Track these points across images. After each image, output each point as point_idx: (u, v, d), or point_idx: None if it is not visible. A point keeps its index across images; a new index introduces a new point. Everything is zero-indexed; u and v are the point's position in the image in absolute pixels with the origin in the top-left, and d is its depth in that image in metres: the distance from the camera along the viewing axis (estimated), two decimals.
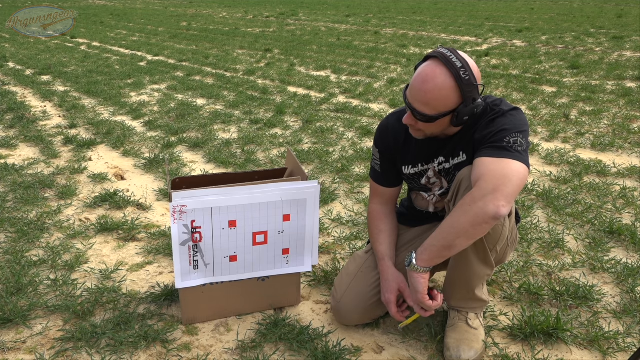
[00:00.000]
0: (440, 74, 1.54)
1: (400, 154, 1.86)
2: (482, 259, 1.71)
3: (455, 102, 1.57)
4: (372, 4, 24.05)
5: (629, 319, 1.96)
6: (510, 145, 1.55)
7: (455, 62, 1.53)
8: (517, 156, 1.53)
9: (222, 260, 1.88)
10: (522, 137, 1.57)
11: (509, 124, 1.59)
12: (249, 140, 4.18)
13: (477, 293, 1.80)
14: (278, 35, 12.32)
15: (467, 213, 1.50)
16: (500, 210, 1.46)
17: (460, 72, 1.53)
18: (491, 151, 1.56)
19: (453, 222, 1.54)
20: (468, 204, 1.50)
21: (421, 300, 1.64)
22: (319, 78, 6.93)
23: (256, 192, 1.82)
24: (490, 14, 17.49)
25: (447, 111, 1.58)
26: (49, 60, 8.77)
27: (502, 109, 1.65)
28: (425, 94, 1.56)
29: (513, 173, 1.50)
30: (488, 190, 1.48)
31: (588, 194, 3.08)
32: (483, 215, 1.48)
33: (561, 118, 4.70)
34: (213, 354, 1.81)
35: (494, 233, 1.64)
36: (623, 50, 8.93)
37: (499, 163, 1.52)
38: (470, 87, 1.55)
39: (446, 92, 1.55)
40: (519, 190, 1.52)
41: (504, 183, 1.48)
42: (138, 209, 2.98)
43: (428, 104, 1.57)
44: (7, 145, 4.13)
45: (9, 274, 2.26)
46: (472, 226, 1.50)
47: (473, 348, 1.74)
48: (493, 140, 1.58)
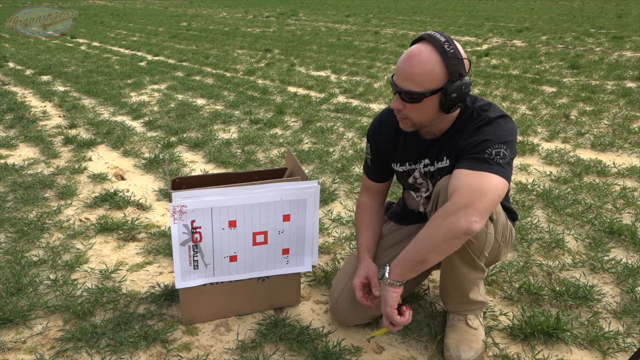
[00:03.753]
0: (425, 49, 1.53)
1: (390, 150, 1.86)
2: (470, 265, 1.71)
3: (442, 78, 1.53)
4: (372, 4, 24.05)
5: (629, 319, 1.96)
6: (492, 158, 1.53)
7: (439, 37, 1.53)
8: (497, 169, 1.51)
9: (222, 260, 1.88)
10: (505, 148, 1.54)
11: (493, 134, 1.57)
12: (249, 140, 4.18)
13: (471, 297, 1.80)
14: (278, 35, 12.32)
15: (440, 227, 1.49)
16: (472, 226, 1.46)
17: (445, 45, 1.51)
18: (471, 163, 1.54)
19: (425, 236, 1.53)
20: (441, 217, 1.50)
21: (389, 314, 1.62)
22: (319, 78, 6.93)
23: (256, 192, 1.82)
24: (490, 14, 17.49)
25: (434, 89, 1.54)
26: (49, 60, 8.77)
27: (488, 115, 1.61)
28: (410, 68, 1.54)
29: (489, 188, 1.49)
30: (461, 204, 1.47)
31: (588, 194, 3.08)
32: (455, 231, 1.47)
33: (561, 118, 4.70)
34: (213, 354, 1.81)
35: (477, 241, 1.64)
36: (623, 50, 8.93)
37: (476, 177, 1.51)
38: (455, 61, 1.52)
39: (431, 66, 1.52)
40: (494, 205, 1.52)
41: (479, 198, 1.47)
42: (138, 209, 2.98)
43: (413, 80, 1.54)
44: (7, 145, 4.13)
45: (9, 274, 2.26)
46: (444, 241, 1.50)
47: (473, 348, 1.74)
48: (474, 151, 1.55)
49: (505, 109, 5.05)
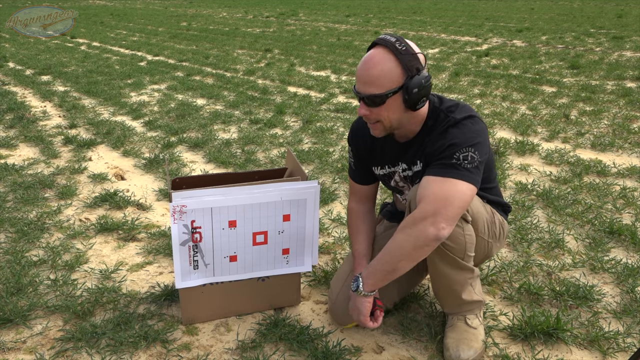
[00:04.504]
0: (378, 52, 1.55)
1: (369, 154, 1.86)
2: (455, 267, 1.71)
3: (400, 76, 1.54)
4: (372, 4, 24.05)
5: (629, 319, 1.96)
6: (459, 163, 1.53)
7: (389, 38, 1.55)
8: (465, 175, 1.52)
9: (222, 260, 1.88)
10: (474, 151, 1.54)
11: (460, 137, 1.56)
12: (249, 140, 4.18)
13: (465, 298, 1.79)
14: (278, 35, 12.32)
15: (409, 236, 1.53)
16: (440, 232, 1.49)
17: (396, 44, 1.53)
18: (438, 169, 1.55)
19: (395, 245, 1.56)
20: (409, 226, 1.53)
21: (363, 322, 1.71)
22: (319, 78, 6.93)
23: (256, 192, 1.82)
24: (490, 14, 17.49)
25: (395, 88, 1.55)
26: (49, 60, 8.77)
27: (454, 117, 1.61)
28: (368, 72, 1.56)
29: (456, 195, 1.51)
30: (429, 212, 1.50)
31: (588, 194, 3.08)
32: (424, 238, 1.50)
33: (561, 118, 4.70)
34: (213, 354, 1.81)
35: (457, 244, 1.65)
36: (623, 50, 8.93)
37: (442, 184, 1.52)
38: (410, 57, 1.53)
39: (387, 66, 1.53)
40: (462, 211, 1.54)
41: (445, 206, 1.49)
42: (138, 209, 2.98)
43: (373, 83, 1.55)
44: (7, 145, 4.13)
45: (9, 274, 2.26)
46: (414, 249, 1.54)
47: (472, 347, 1.74)
48: (442, 156, 1.56)
49: (505, 109, 5.05)
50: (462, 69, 7.34)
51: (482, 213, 1.74)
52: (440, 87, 6.19)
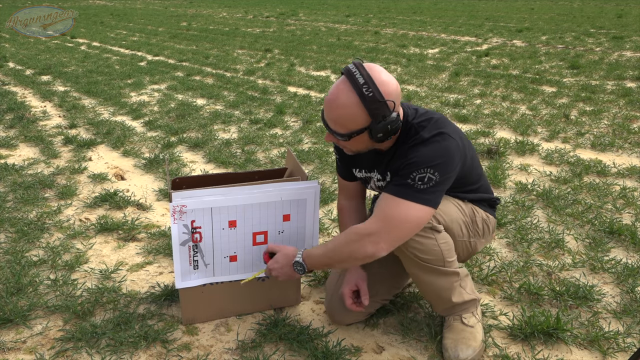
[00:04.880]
0: (344, 91, 1.50)
1: (350, 156, 1.84)
2: (439, 274, 1.71)
3: (364, 120, 1.52)
4: (372, 4, 24.05)
5: (629, 319, 1.96)
6: (413, 184, 1.52)
7: (358, 78, 1.48)
8: (417, 196, 1.51)
9: (222, 260, 1.88)
10: (432, 171, 1.51)
11: (421, 157, 1.53)
12: (249, 140, 4.18)
13: (455, 300, 1.78)
14: (278, 35, 12.32)
15: (349, 245, 1.57)
16: (378, 252, 1.54)
17: (363, 89, 1.47)
18: (393, 187, 1.56)
19: (336, 246, 1.62)
20: (352, 237, 1.57)
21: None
22: (319, 78, 6.93)
23: (256, 192, 1.82)
24: (490, 14, 17.49)
25: (359, 129, 1.54)
26: (49, 60, 8.77)
27: (422, 135, 1.57)
28: (332, 112, 1.54)
29: (402, 217, 1.52)
30: (373, 231, 1.53)
31: (588, 194, 3.08)
32: (361, 254, 1.55)
33: (561, 118, 4.70)
34: (213, 354, 1.81)
35: (433, 256, 1.66)
36: (623, 50, 8.93)
37: (392, 204, 1.53)
38: (376, 104, 1.48)
39: (351, 110, 1.50)
40: (407, 232, 1.55)
41: (389, 228, 1.53)
42: (138, 209, 2.98)
43: (337, 122, 1.55)
44: (7, 145, 4.13)
45: (9, 274, 2.26)
46: (349, 258, 1.60)
47: (470, 346, 1.74)
48: (400, 174, 1.56)
49: (505, 109, 5.05)
50: (462, 69, 7.34)
51: (457, 218, 1.74)
52: (440, 87, 6.19)
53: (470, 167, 1.73)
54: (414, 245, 1.64)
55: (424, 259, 1.66)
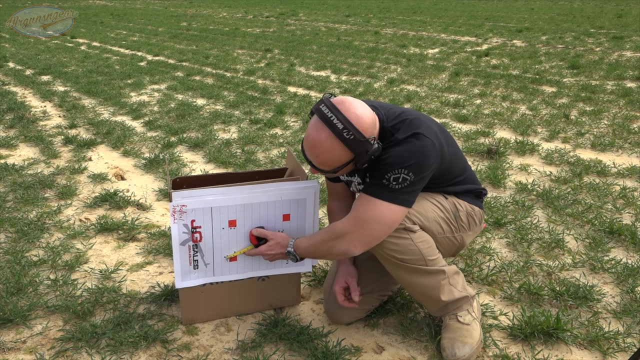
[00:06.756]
0: (325, 137, 1.55)
1: None
2: (423, 274, 1.72)
3: (349, 156, 1.59)
4: (372, 4, 24.05)
5: (629, 319, 1.96)
6: (388, 184, 1.57)
7: (336, 123, 1.53)
8: (392, 196, 1.57)
9: (222, 260, 1.88)
10: (407, 172, 1.56)
11: (395, 158, 1.58)
12: (249, 140, 4.18)
13: (445, 299, 1.77)
14: (278, 35, 12.32)
15: (326, 242, 1.67)
16: (352, 251, 1.63)
17: (343, 133, 1.53)
18: (369, 188, 1.62)
19: (318, 242, 1.71)
20: (330, 234, 1.66)
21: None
22: (319, 78, 6.93)
23: (256, 191, 1.82)
24: (490, 14, 17.49)
25: (344, 163, 1.61)
26: (49, 60, 8.77)
27: (397, 137, 1.61)
28: (317, 157, 1.60)
29: (375, 217, 1.58)
30: (348, 230, 1.62)
31: (588, 194, 3.08)
32: (337, 250, 1.66)
33: (561, 118, 4.70)
34: (213, 354, 1.81)
35: (411, 255, 1.67)
36: (623, 50, 8.93)
37: (367, 205, 1.60)
38: (358, 144, 1.54)
39: (336, 152, 1.57)
40: (381, 232, 1.61)
41: (362, 227, 1.60)
42: (138, 209, 2.98)
43: (323, 164, 1.62)
44: (7, 145, 4.13)
45: (9, 274, 2.26)
46: (328, 254, 1.72)
47: (467, 344, 1.74)
48: (375, 175, 1.62)
49: (505, 109, 5.05)
50: (462, 69, 7.34)
51: (434, 217, 1.75)
52: (440, 87, 6.19)
53: (451, 161, 1.75)
54: (390, 247, 1.66)
55: (403, 259, 1.68)
